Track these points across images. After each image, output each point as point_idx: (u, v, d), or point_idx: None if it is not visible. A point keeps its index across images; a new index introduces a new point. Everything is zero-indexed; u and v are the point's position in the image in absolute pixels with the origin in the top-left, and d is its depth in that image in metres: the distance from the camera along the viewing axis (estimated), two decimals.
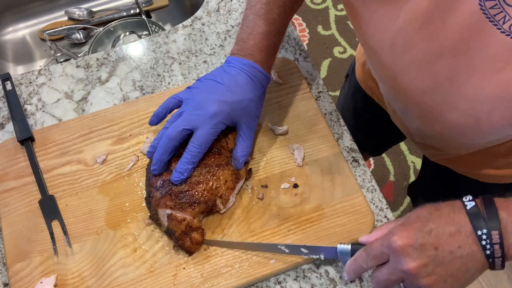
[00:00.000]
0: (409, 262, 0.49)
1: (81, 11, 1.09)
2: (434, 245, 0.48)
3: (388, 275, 0.51)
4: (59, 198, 0.68)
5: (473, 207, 0.49)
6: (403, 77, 0.56)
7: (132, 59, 0.83)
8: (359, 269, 0.55)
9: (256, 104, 0.65)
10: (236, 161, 0.65)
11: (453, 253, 0.48)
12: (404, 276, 0.50)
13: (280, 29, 0.66)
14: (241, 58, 0.65)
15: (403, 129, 0.81)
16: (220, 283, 0.61)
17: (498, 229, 0.47)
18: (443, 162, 0.83)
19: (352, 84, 1.00)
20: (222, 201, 0.64)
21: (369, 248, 0.53)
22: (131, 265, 0.63)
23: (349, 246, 0.57)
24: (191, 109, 0.62)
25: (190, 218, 0.61)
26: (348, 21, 2.15)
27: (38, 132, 0.73)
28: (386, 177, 1.80)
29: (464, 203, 0.50)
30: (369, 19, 0.55)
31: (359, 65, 0.94)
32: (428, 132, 0.66)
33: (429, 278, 0.49)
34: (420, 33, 0.49)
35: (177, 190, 0.61)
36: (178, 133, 0.61)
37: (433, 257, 0.48)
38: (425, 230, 0.49)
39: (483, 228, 0.47)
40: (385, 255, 0.51)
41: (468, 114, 0.52)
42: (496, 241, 0.47)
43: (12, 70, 1.04)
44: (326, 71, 2.01)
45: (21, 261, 0.63)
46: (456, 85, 0.50)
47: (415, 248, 0.49)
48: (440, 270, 0.49)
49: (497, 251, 0.47)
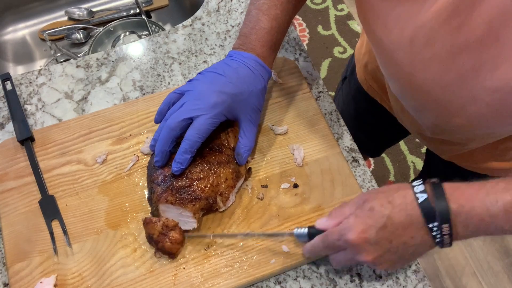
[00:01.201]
0: (366, 256, 0.53)
1: (81, 11, 1.09)
2: (388, 239, 0.52)
3: (347, 261, 0.57)
4: (59, 198, 0.68)
5: (425, 200, 0.51)
6: (422, 74, 0.56)
7: (132, 59, 0.83)
8: (316, 254, 0.60)
9: (257, 97, 0.65)
10: (240, 156, 0.65)
11: (407, 243, 0.52)
12: (362, 263, 0.56)
13: (282, 25, 0.67)
14: (243, 52, 0.65)
15: (411, 128, 0.81)
16: (220, 283, 0.61)
17: (449, 222, 0.50)
18: (450, 158, 0.83)
19: (353, 86, 0.99)
20: (222, 198, 0.64)
21: (325, 240, 0.57)
22: (131, 265, 0.63)
23: (306, 230, 0.60)
24: (192, 99, 0.62)
25: (165, 218, 0.62)
26: (348, 21, 2.14)
27: (38, 132, 0.73)
28: (386, 177, 1.80)
29: (416, 194, 0.52)
30: (386, 16, 0.55)
31: (361, 66, 0.93)
32: (444, 127, 0.66)
33: (384, 265, 0.55)
34: (445, 27, 0.49)
35: (178, 185, 0.61)
36: (178, 123, 0.61)
37: (388, 249, 0.53)
38: (379, 226, 0.52)
39: (434, 222, 0.50)
40: (341, 247, 0.55)
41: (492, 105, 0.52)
42: (446, 232, 0.50)
43: (12, 70, 1.04)
44: (326, 71, 2.01)
45: (21, 261, 0.63)
46: (482, 77, 0.50)
47: (371, 244, 0.53)
48: (394, 257, 0.54)
49: (446, 239, 0.51)
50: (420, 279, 0.65)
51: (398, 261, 0.55)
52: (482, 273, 1.62)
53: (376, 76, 0.88)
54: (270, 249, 0.64)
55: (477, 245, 1.66)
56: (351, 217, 0.54)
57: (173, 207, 0.61)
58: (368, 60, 0.89)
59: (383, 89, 0.89)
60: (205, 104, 0.61)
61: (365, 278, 0.65)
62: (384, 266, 0.55)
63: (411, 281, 0.65)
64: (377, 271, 0.65)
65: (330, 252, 0.58)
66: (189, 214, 0.62)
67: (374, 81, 0.90)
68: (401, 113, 0.80)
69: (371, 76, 0.90)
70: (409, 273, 0.65)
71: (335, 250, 0.57)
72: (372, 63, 0.88)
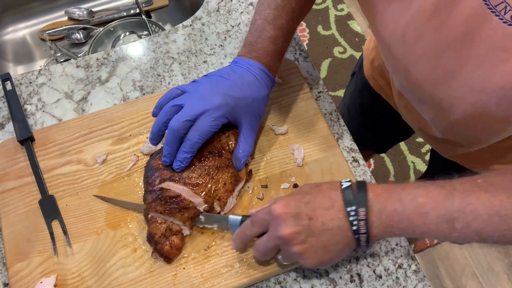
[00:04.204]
0: (285, 228, 0.54)
1: (81, 11, 1.09)
2: (308, 215, 0.54)
3: (267, 242, 0.56)
4: (59, 198, 0.68)
5: (347, 187, 0.54)
6: (415, 69, 0.57)
7: (132, 59, 0.83)
8: (244, 237, 0.60)
9: (260, 104, 0.66)
10: (238, 161, 0.65)
11: (325, 224, 0.53)
12: (280, 243, 0.55)
13: (287, 34, 0.68)
14: (248, 59, 0.66)
15: (414, 125, 0.81)
16: (220, 283, 0.61)
17: (365, 207, 0.52)
18: (453, 158, 0.83)
19: (360, 81, 1.00)
20: (220, 203, 0.64)
21: (253, 217, 0.58)
22: (131, 265, 0.63)
23: (239, 217, 0.62)
24: (195, 100, 0.62)
25: (170, 221, 0.62)
26: (348, 21, 2.15)
27: (38, 132, 0.73)
28: (386, 177, 1.80)
29: (341, 183, 0.55)
30: (383, 11, 0.55)
31: (368, 62, 0.94)
32: (442, 125, 0.66)
33: (301, 246, 0.54)
34: (429, 24, 0.50)
35: (167, 195, 0.61)
36: (181, 124, 0.61)
37: (307, 227, 0.53)
38: (303, 201, 0.55)
39: (352, 205, 0.52)
40: (266, 223, 0.56)
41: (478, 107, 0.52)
42: (362, 217, 0.52)
43: (12, 70, 1.04)
44: (326, 71, 2.01)
45: (21, 261, 0.63)
46: (464, 77, 0.50)
47: (291, 215, 0.54)
48: (312, 239, 0.54)
49: (362, 226, 0.52)
50: (420, 279, 0.65)
51: (321, 252, 0.54)
52: (482, 273, 1.62)
53: (382, 72, 0.89)
54: None
55: (477, 245, 1.66)
56: (279, 197, 0.57)
57: (163, 216, 0.62)
58: (375, 56, 0.90)
59: (388, 85, 0.89)
60: (208, 105, 0.61)
61: (365, 278, 0.65)
62: (300, 248, 0.54)
63: (411, 281, 0.65)
64: (377, 272, 0.65)
65: (256, 231, 0.58)
66: (179, 223, 0.62)
67: (380, 77, 0.90)
68: (404, 110, 0.81)
69: (377, 72, 0.90)
70: (409, 273, 0.65)
71: (260, 228, 0.57)
72: (378, 58, 0.88)
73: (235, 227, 0.62)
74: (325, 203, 0.54)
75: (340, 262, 0.65)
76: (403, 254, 0.67)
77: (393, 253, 0.67)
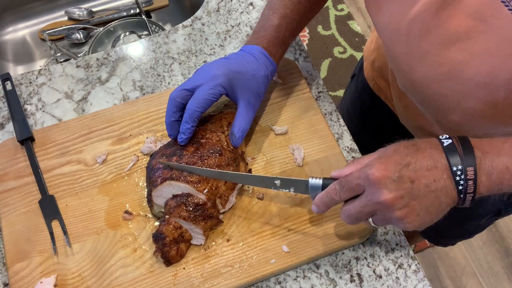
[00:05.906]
0: (386, 194, 0.49)
1: (81, 11, 1.09)
2: (411, 178, 0.49)
3: (361, 207, 0.52)
4: (59, 198, 0.68)
5: (450, 144, 0.50)
6: (419, 66, 0.56)
7: (132, 59, 0.83)
8: (330, 202, 0.56)
9: (259, 82, 0.66)
10: (233, 136, 0.65)
11: (429, 186, 0.49)
12: (378, 208, 0.51)
13: (291, 24, 0.69)
14: (250, 45, 0.68)
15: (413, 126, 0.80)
16: (220, 283, 0.61)
17: (474, 165, 0.48)
18: None
19: (360, 83, 1.00)
20: (221, 201, 0.64)
21: (343, 181, 0.53)
22: (131, 265, 0.63)
23: (321, 180, 0.57)
24: (194, 74, 0.65)
25: (185, 229, 0.62)
26: (348, 21, 2.15)
27: (38, 132, 0.73)
28: None
29: (441, 140, 0.51)
30: (387, 8, 0.55)
31: (368, 63, 0.94)
32: (446, 125, 0.66)
33: (403, 210, 0.50)
34: (436, 19, 0.49)
35: (192, 202, 0.62)
36: (178, 93, 0.63)
37: (409, 190, 0.49)
38: (403, 164, 0.49)
39: (459, 164, 0.48)
40: (360, 188, 0.52)
41: (485, 102, 0.52)
42: (471, 177, 0.48)
43: (12, 70, 1.04)
44: (326, 71, 2.01)
45: (21, 261, 0.63)
46: (471, 71, 0.50)
47: (393, 180, 0.49)
48: (415, 203, 0.50)
49: (470, 186, 0.48)
50: (420, 279, 0.65)
51: (424, 214, 0.51)
52: (482, 273, 1.62)
53: (382, 74, 0.89)
54: (270, 249, 0.64)
55: (477, 245, 1.66)
56: (374, 159, 0.52)
57: (185, 222, 0.62)
58: (375, 57, 0.90)
59: (388, 87, 0.89)
60: (205, 76, 0.63)
61: (365, 278, 0.65)
62: (402, 213, 0.50)
63: (411, 281, 0.65)
64: (377, 272, 0.65)
65: (347, 196, 0.54)
66: (199, 231, 0.62)
67: (380, 78, 0.90)
68: (403, 111, 0.81)
69: (378, 73, 0.90)
70: (409, 273, 0.65)
71: (352, 193, 0.53)
72: (379, 60, 0.88)
73: (316, 190, 0.58)
74: (427, 163, 0.49)
75: (340, 262, 0.65)
76: (403, 254, 0.66)
77: (393, 253, 0.67)
